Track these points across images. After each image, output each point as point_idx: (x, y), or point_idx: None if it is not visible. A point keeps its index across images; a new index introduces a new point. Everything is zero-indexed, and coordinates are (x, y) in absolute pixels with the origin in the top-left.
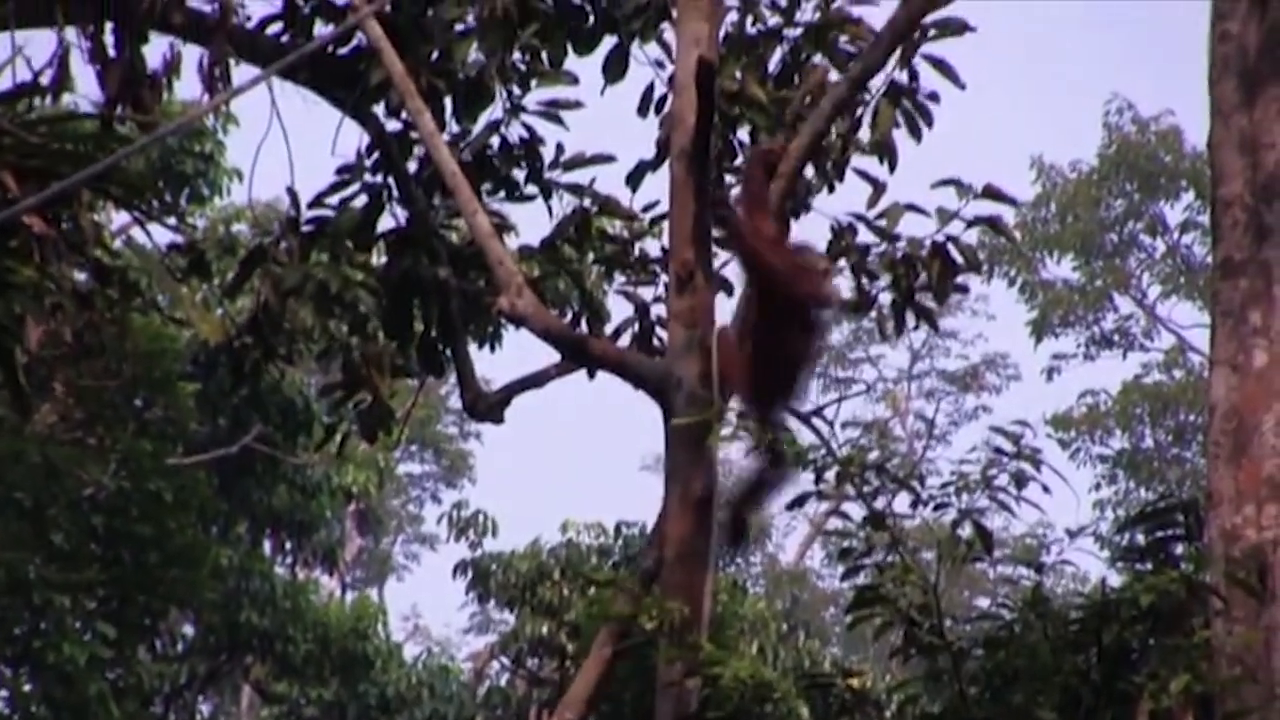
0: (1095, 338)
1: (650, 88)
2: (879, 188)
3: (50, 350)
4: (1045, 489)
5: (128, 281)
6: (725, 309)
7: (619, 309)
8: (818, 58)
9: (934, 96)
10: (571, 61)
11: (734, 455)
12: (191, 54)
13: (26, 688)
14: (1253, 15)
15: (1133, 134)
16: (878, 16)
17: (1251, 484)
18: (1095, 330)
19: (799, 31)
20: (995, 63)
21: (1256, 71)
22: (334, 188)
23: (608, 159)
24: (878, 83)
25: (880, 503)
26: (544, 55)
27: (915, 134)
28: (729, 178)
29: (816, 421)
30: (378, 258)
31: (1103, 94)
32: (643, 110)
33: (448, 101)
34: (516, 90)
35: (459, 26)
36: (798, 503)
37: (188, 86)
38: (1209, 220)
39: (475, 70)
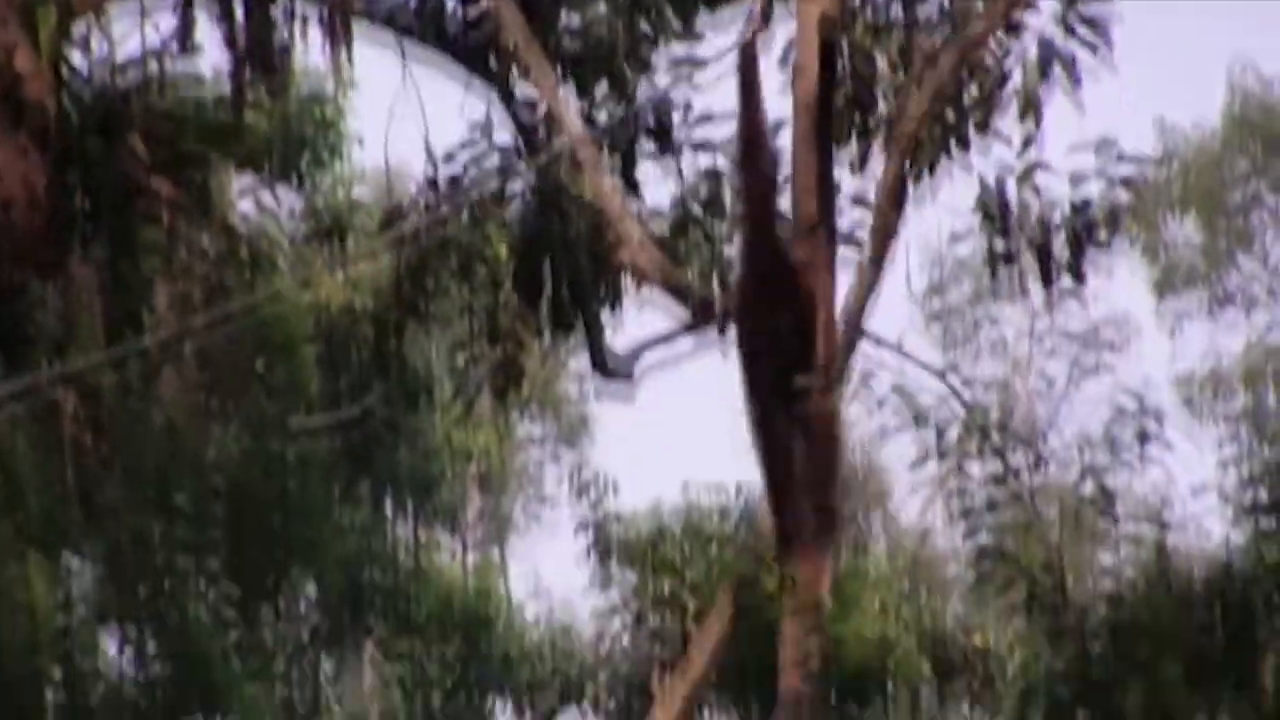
0: (1218, 296)
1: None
2: (1029, 140)
3: (179, 313)
4: (1168, 446)
5: (256, 247)
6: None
7: None
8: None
9: (1094, 47)
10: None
11: None
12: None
13: (150, 646)
14: None
15: (1256, 92)
16: None
17: None
18: (1218, 289)
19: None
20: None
21: None
22: (466, 145)
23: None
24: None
25: (1001, 460)
26: (669, 15)
27: (1076, 81)
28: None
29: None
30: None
31: (1227, 54)
32: (785, 62)
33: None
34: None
35: None
36: (920, 461)
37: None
38: None
39: (604, 30)
